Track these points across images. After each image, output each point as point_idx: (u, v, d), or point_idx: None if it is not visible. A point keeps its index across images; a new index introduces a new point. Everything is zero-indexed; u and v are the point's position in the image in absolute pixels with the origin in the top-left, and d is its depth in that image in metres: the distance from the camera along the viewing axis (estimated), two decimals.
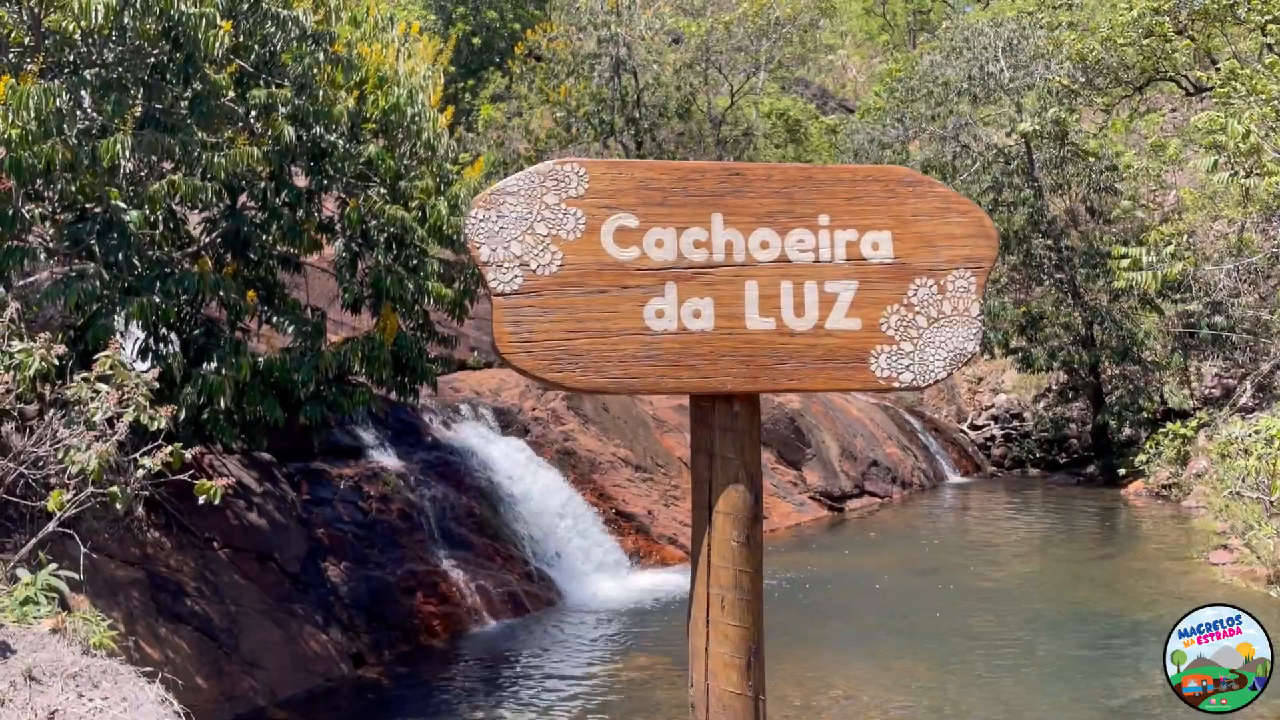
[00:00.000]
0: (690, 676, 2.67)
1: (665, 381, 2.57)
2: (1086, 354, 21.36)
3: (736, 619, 2.60)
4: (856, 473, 19.55)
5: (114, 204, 7.38)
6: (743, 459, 2.62)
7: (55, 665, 3.90)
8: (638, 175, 2.55)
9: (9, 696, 3.66)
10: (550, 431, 13.84)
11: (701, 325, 2.57)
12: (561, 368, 2.54)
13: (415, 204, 8.57)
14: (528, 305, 2.50)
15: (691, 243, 2.55)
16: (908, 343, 2.64)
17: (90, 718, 3.68)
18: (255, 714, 7.76)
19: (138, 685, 3.95)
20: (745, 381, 2.60)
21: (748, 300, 2.56)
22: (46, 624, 4.14)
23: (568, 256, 2.51)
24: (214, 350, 7.39)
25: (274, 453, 9.76)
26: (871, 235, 2.59)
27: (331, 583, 9.31)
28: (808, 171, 2.63)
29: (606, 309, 2.52)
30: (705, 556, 2.64)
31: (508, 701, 8.27)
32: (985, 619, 10.46)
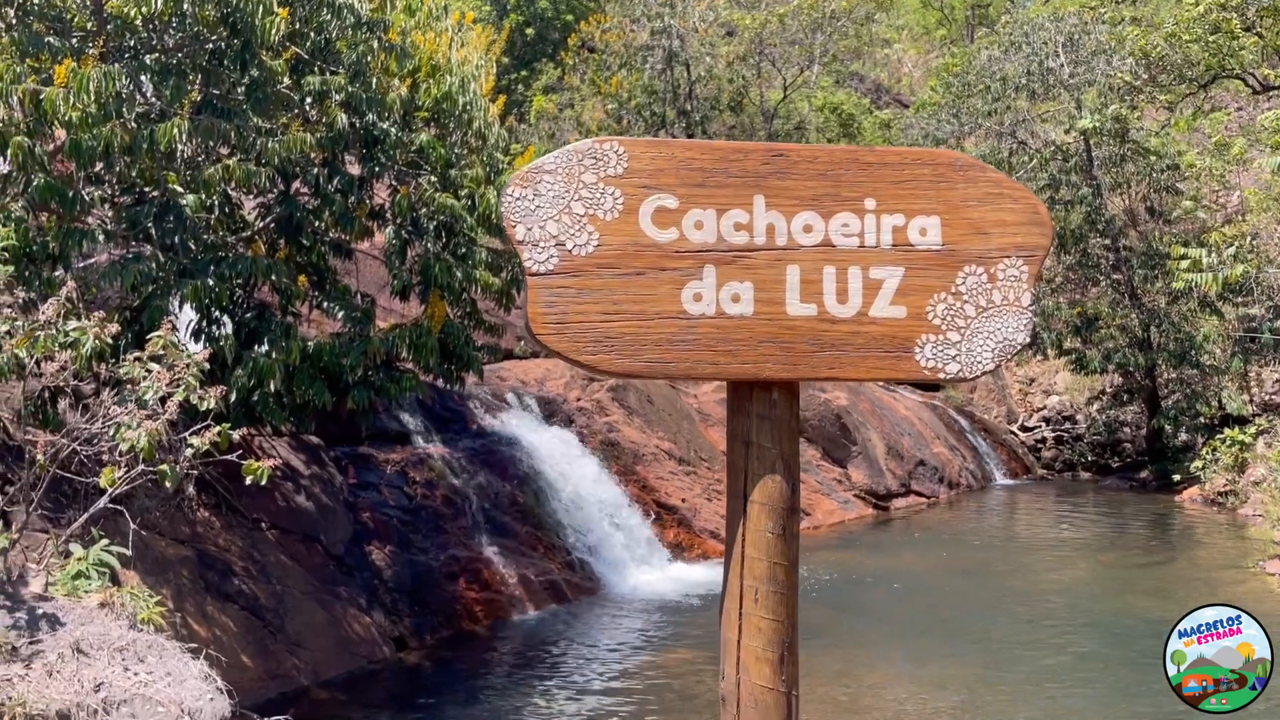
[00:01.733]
0: (721, 669, 2.63)
1: (701, 367, 2.52)
2: (1143, 357, 20.92)
3: (770, 612, 2.55)
4: (903, 472, 19.34)
5: (171, 188, 7.51)
6: (780, 449, 2.54)
7: (103, 639, 3.98)
8: (678, 155, 2.50)
9: (57, 668, 3.74)
10: (594, 422, 13.86)
11: (740, 310, 2.51)
12: (596, 350, 2.49)
13: (465, 192, 8.62)
14: (563, 286, 2.47)
15: (732, 225, 2.50)
16: (955, 332, 2.56)
17: (135, 691, 3.74)
18: (299, 693, 7.87)
19: (182, 660, 4.02)
20: (784, 369, 2.53)
21: (789, 285, 2.50)
22: (95, 598, 4.23)
23: (605, 237, 2.46)
24: (265, 334, 7.50)
25: (322, 437, 9.89)
26: (919, 220, 2.52)
27: (376, 566, 9.41)
28: (854, 153, 2.56)
29: (643, 291, 2.47)
30: (739, 547, 2.57)
31: (548, 690, 8.30)
32: (1031, 623, 10.29)
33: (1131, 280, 21.14)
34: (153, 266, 6.79)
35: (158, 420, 4.07)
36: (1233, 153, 25.02)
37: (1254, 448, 18.87)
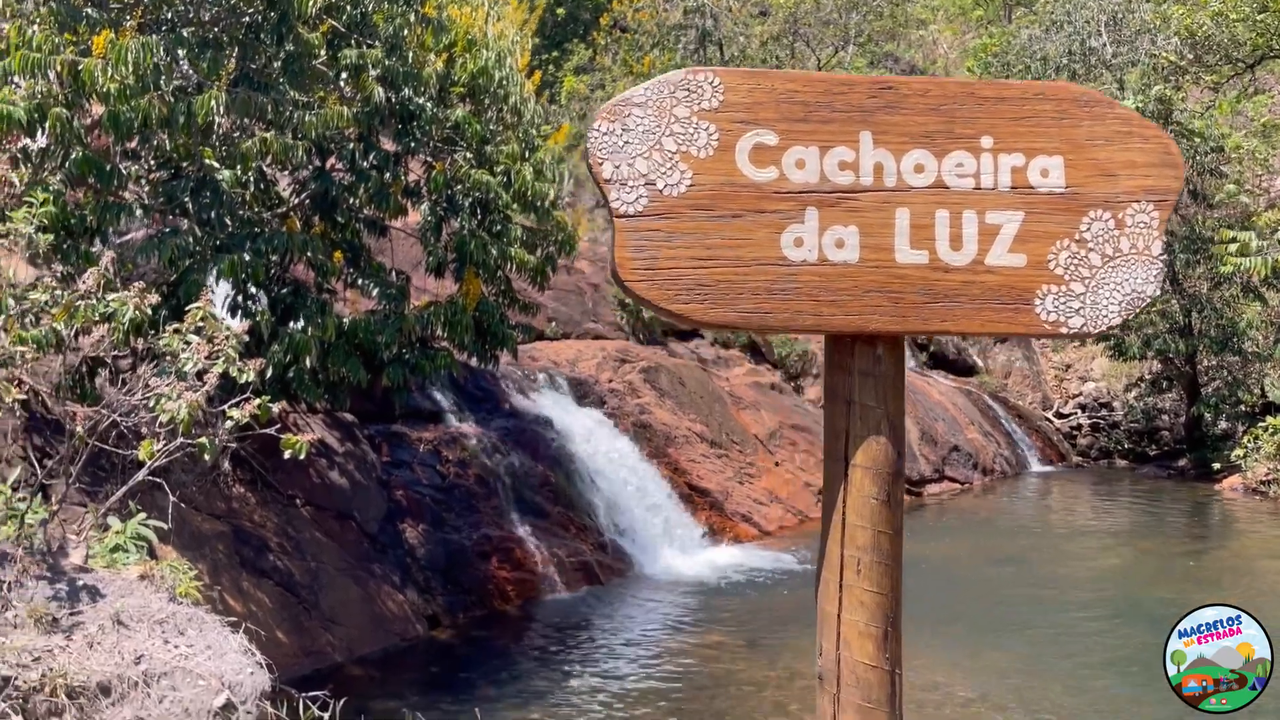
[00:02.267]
0: (819, 644, 2.50)
1: (802, 318, 2.33)
2: (1184, 343, 20.55)
3: (874, 584, 2.39)
4: (936, 457, 19.14)
5: (207, 163, 7.48)
6: (885, 408, 2.37)
7: (143, 611, 3.94)
8: (778, 87, 2.32)
9: (97, 640, 3.71)
10: (626, 403, 13.78)
11: (845, 256, 2.32)
12: (688, 299, 2.31)
13: (500, 169, 8.53)
14: (653, 229, 2.29)
15: (836, 164, 2.31)
16: (1079, 283, 2.37)
17: (176, 663, 3.71)
18: (333, 669, 7.88)
19: (222, 634, 3.98)
20: (893, 321, 2.35)
21: (898, 230, 2.31)
22: (135, 570, 4.20)
23: (698, 176, 2.29)
24: (300, 310, 7.46)
25: (355, 414, 9.88)
26: (1040, 160, 2.33)
27: (409, 544, 9.40)
28: (969, 87, 2.36)
29: (739, 235, 2.30)
30: (839, 515, 2.41)
31: (580, 671, 8.26)
32: (1074, 611, 10.13)
33: (1173, 265, 20.74)
34: (190, 241, 6.76)
35: (198, 392, 4.02)
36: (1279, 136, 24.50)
37: None
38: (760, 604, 10.32)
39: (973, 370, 25.59)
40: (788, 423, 16.86)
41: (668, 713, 7.32)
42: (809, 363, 18.98)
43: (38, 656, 3.51)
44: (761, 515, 14.31)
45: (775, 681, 7.99)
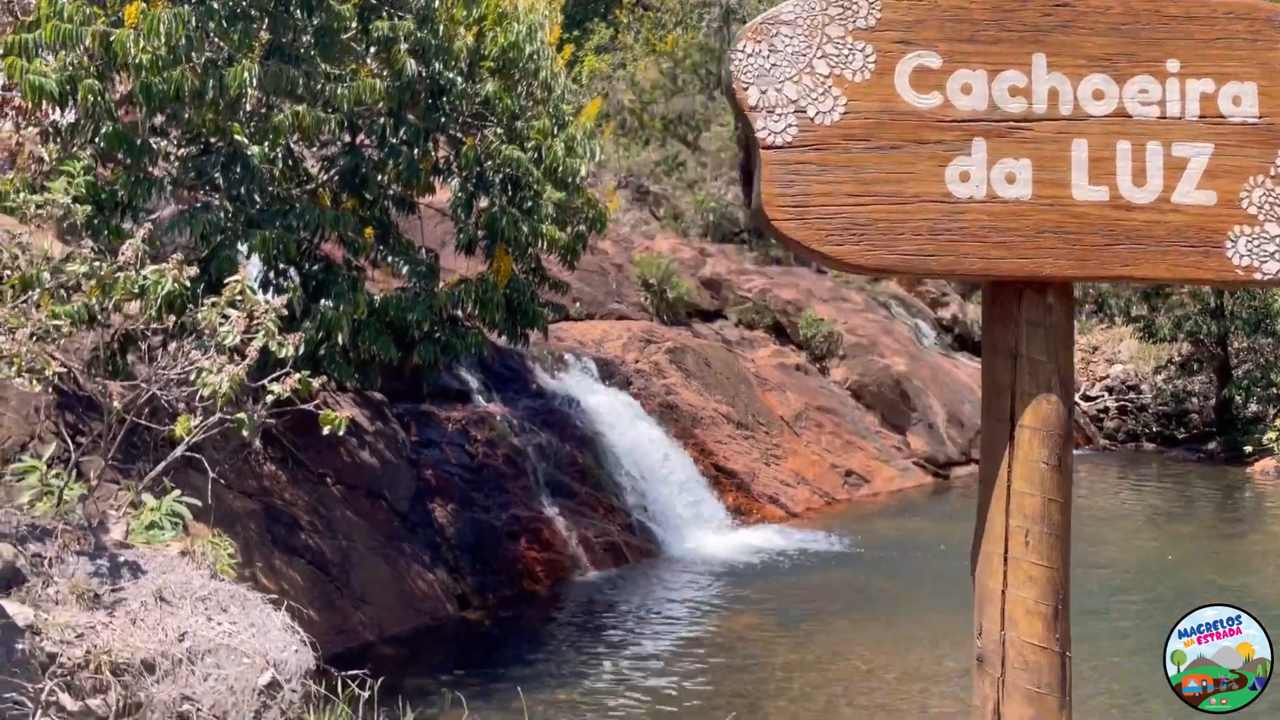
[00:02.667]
0: (978, 624, 2.30)
1: (969, 261, 2.13)
2: (1215, 325, 20.26)
3: (1043, 557, 2.20)
4: (963, 440, 18.97)
5: (237, 139, 7.40)
6: (1057, 363, 2.18)
7: (185, 588, 3.88)
8: (942, 3, 2.11)
9: (140, 616, 3.65)
10: (652, 384, 13.68)
11: (1016, 193, 2.11)
12: (843, 239, 2.11)
13: (531, 145, 8.41)
14: (804, 161, 2.09)
15: (1006, 89, 2.10)
16: (1274, 224, 2.16)
17: (220, 640, 3.64)
18: (364, 648, 7.84)
19: (264, 612, 3.92)
20: (1070, 265, 2.14)
21: (1075, 163, 2.11)
22: (176, 547, 4.14)
23: (853, 102, 2.09)
24: (331, 287, 7.39)
25: (384, 393, 9.82)
26: (1232, 87, 2.12)
27: (438, 524, 9.35)
28: (1155, 4, 2.14)
29: (900, 169, 2.10)
30: (1004, 481, 2.23)
31: (611, 652, 8.20)
32: (1104, 596, 9.98)
33: None
34: (221, 216, 6.69)
35: (239, 366, 3.95)
36: None
37: None
38: (790, 586, 10.23)
39: None
40: (813, 404, 16.73)
41: (700, 695, 7.25)
42: (835, 344, 18.82)
43: (81, 633, 3.45)
44: (788, 497, 14.21)
45: (809, 664, 7.90)
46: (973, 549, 2.33)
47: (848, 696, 7.17)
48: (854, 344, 18.91)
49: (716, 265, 19.94)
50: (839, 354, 18.79)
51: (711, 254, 20.72)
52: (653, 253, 18.84)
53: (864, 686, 7.37)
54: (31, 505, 4.46)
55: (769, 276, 20.46)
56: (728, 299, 19.25)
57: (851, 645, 8.30)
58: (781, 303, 19.36)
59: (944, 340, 23.97)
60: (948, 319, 24.91)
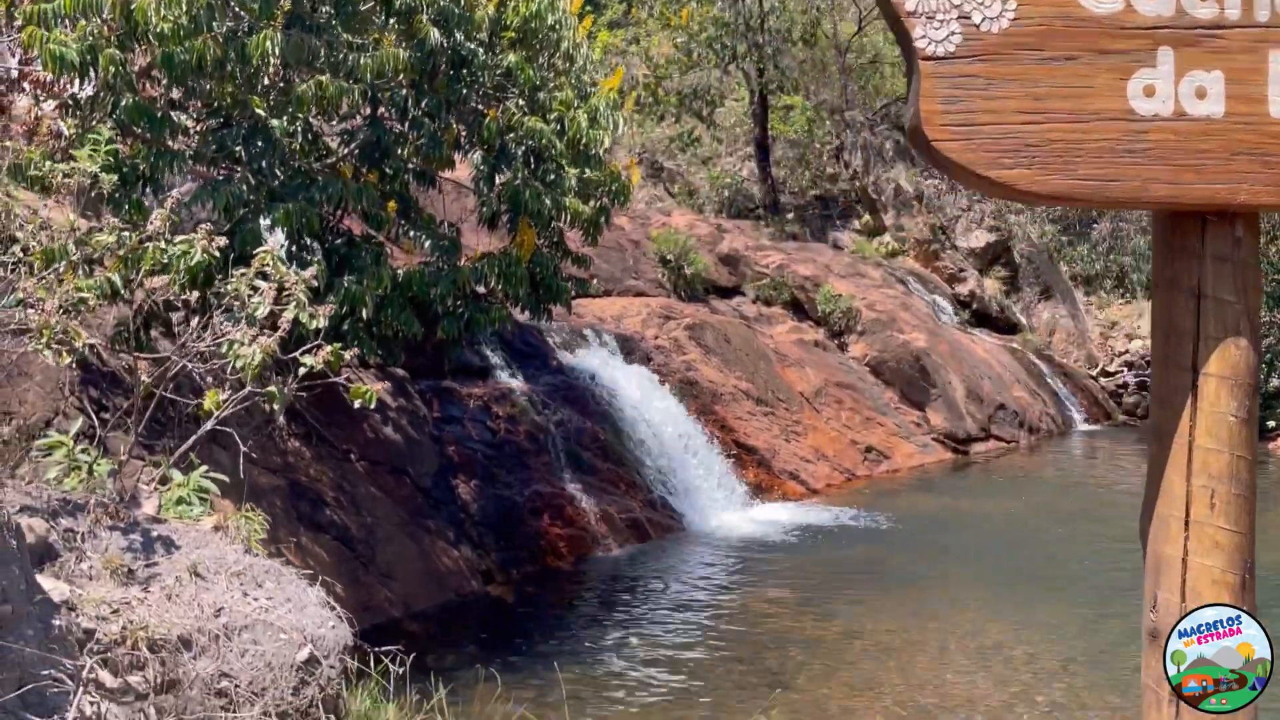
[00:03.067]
0: (1149, 594, 2.16)
1: (1153, 187, 1.91)
2: None
3: (1231, 521, 2.01)
4: (982, 416, 18.84)
5: (257, 112, 7.31)
6: (1245, 303, 1.97)
7: (219, 563, 3.82)
8: None
9: (175, 591, 3.59)
10: (672, 360, 13.60)
11: (1208, 109, 1.90)
12: (1013, 162, 1.90)
13: (554, 116, 8.29)
14: (968, 73, 1.88)
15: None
16: None
17: (256, 616, 3.58)
18: (390, 625, 7.82)
19: (300, 587, 3.86)
20: (1268, 192, 1.92)
21: (1272, 77, 1.88)
22: (208, 522, 4.08)
23: (1023, 7, 1.89)
24: (354, 261, 7.31)
25: (406, 369, 9.76)
26: None
27: (462, 500, 9.31)
28: None
29: (1076, 82, 1.89)
30: (1184, 436, 2.03)
31: (635, 627, 8.15)
32: (1126, 570, 9.87)
33: None
34: (243, 189, 6.61)
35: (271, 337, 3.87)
36: None
37: None
38: (814, 562, 10.16)
39: (1016, 328, 25.16)
40: (833, 380, 16.62)
41: (728, 672, 7.19)
42: (853, 320, 18.68)
43: (117, 609, 3.40)
44: (809, 473, 14.13)
45: (837, 639, 7.84)
46: (1142, 512, 2.15)
47: (883, 672, 7.10)
48: (873, 320, 18.77)
49: (733, 241, 19.79)
50: (857, 330, 18.65)
51: (728, 230, 20.56)
52: (669, 228, 18.70)
53: (898, 662, 7.30)
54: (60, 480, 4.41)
55: (786, 252, 20.31)
56: (745, 275, 19.11)
57: (879, 620, 8.24)
58: (799, 278, 19.21)
59: (962, 316, 23.80)
60: (965, 295, 24.72)
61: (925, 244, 25.23)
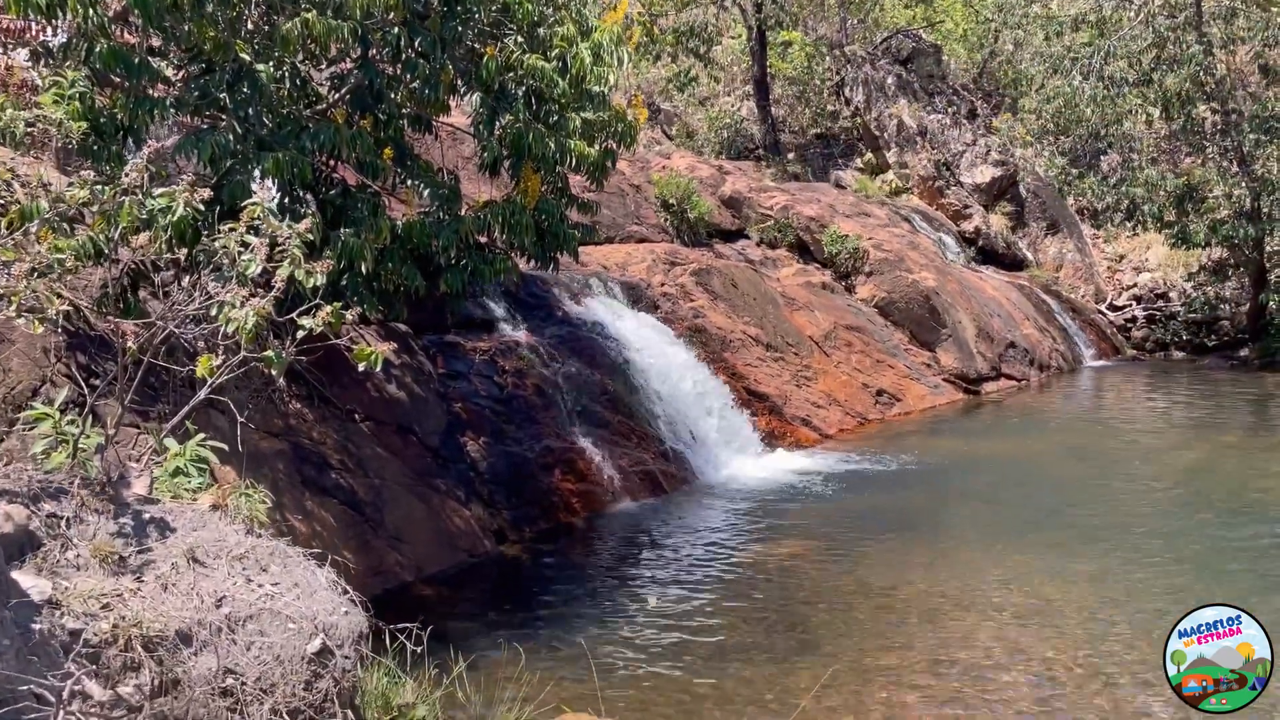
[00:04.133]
0: None
1: None
2: (1252, 228, 19.60)
3: None
4: (993, 354, 18.53)
5: (242, 57, 6.86)
6: None
7: (219, 546, 3.51)
8: None
9: (171, 580, 3.28)
10: (679, 308, 13.23)
11: None
12: None
13: (555, 54, 7.83)
14: None
15: None
16: None
17: (261, 605, 3.28)
18: (402, 589, 7.56)
19: (309, 569, 3.54)
20: None
21: None
22: (205, 500, 3.76)
23: None
24: (351, 212, 6.91)
25: (408, 324, 9.40)
26: None
27: (471, 458, 9.01)
28: None
29: None
30: None
31: (655, 586, 7.89)
32: (1156, 512, 9.64)
33: (1241, 146, 19.67)
34: (230, 139, 6.19)
35: (264, 299, 3.51)
36: None
37: None
38: (832, 510, 9.91)
39: (1022, 264, 24.78)
40: (842, 323, 16.27)
41: (752, 632, 6.94)
42: (860, 261, 18.27)
43: (107, 603, 3.09)
44: (820, 419, 13.85)
45: (858, 593, 7.57)
46: None
47: (908, 627, 6.84)
48: (880, 260, 18.36)
49: (736, 183, 19.30)
50: (865, 271, 18.25)
51: (730, 172, 20.05)
52: (671, 172, 18.20)
53: (920, 617, 7.05)
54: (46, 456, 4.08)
55: (789, 193, 19.83)
56: (749, 217, 18.66)
57: (906, 570, 7.98)
58: (804, 220, 18.76)
59: (968, 253, 23.38)
60: (971, 231, 24.28)
61: (929, 181, 24.70)
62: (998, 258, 24.18)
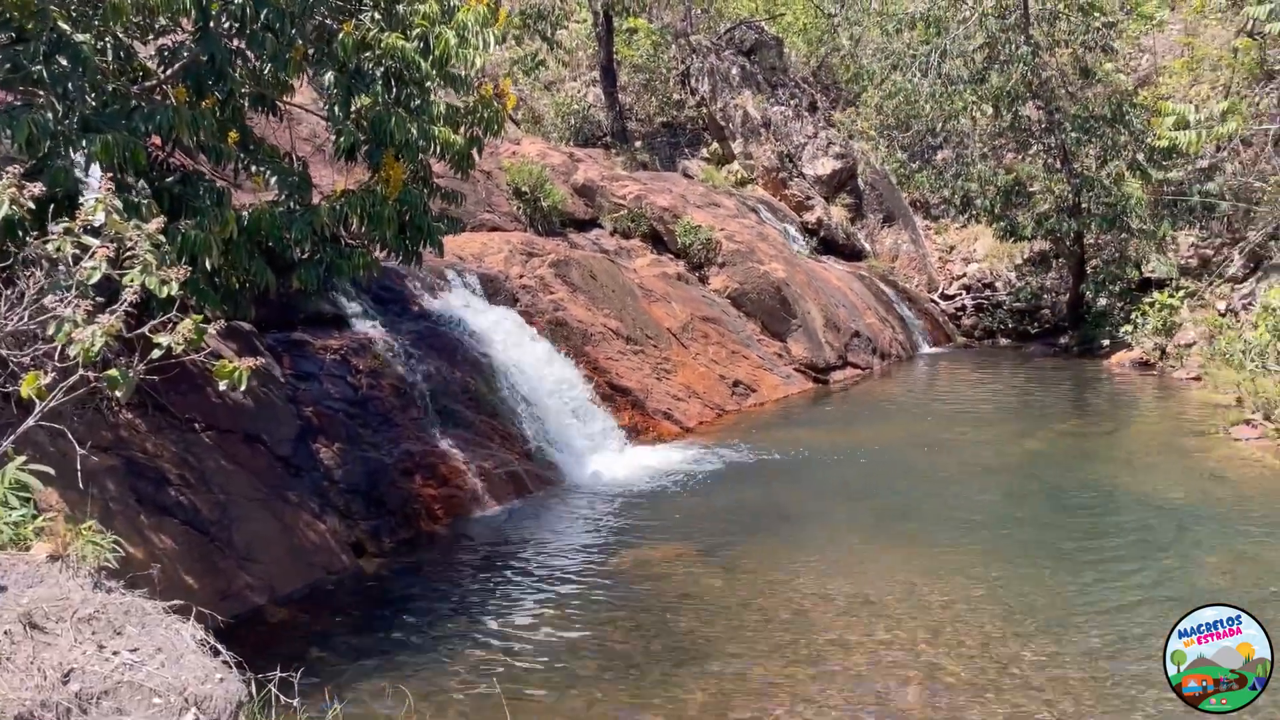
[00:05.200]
0: None
1: None
2: (1074, 222, 20.77)
3: None
4: (840, 344, 18.95)
5: (59, 25, 6.06)
6: None
7: (61, 606, 2.97)
8: None
9: (8, 652, 2.73)
10: (539, 300, 12.85)
11: None
12: None
13: (416, 33, 7.30)
14: None
15: None
16: None
17: (119, 676, 2.78)
18: (254, 614, 6.95)
19: (172, 628, 3.05)
20: None
21: None
22: (41, 550, 3.19)
23: None
24: (193, 202, 6.23)
25: (251, 322, 8.68)
26: None
27: (325, 466, 8.40)
28: None
29: None
30: None
31: (522, 595, 7.55)
32: (1006, 498, 9.96)
33: (1064, 144, 20.78)
34: (49, 117, 5.43)
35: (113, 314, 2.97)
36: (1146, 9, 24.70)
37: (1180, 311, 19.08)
38: (700, 507, 9.78)
39: (861, 255, 25.50)
40: (698, 314, 16.25)
41: (627, 642, 6.69)
42: (713, 251, 18.32)
43: None
44: (682, 412, 13.76)
45: (732, 596, 7.44)
46: None
47: (798, 634, 6.74)
48: (732, 251, 18.46)
49: (588, 171, 18.99)
50: (718, 262, 18.30)
51: (582, 159, 19.72)
52: (522, 158, 17.72)
53: (810, 622, 6.98)
54: None
55: (642, 183, 19.68)
56: (602, 207, 18.40)
57: (777, 569, 7.91)
58: (658, 210, 18.65)
59: (810, 244, 23.86)
60: (813, 222, 24.78)
61: (773, 172, 25.09)
62: (838, 248, 24.79)
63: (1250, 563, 7.87)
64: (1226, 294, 19.33)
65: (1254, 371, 12.09)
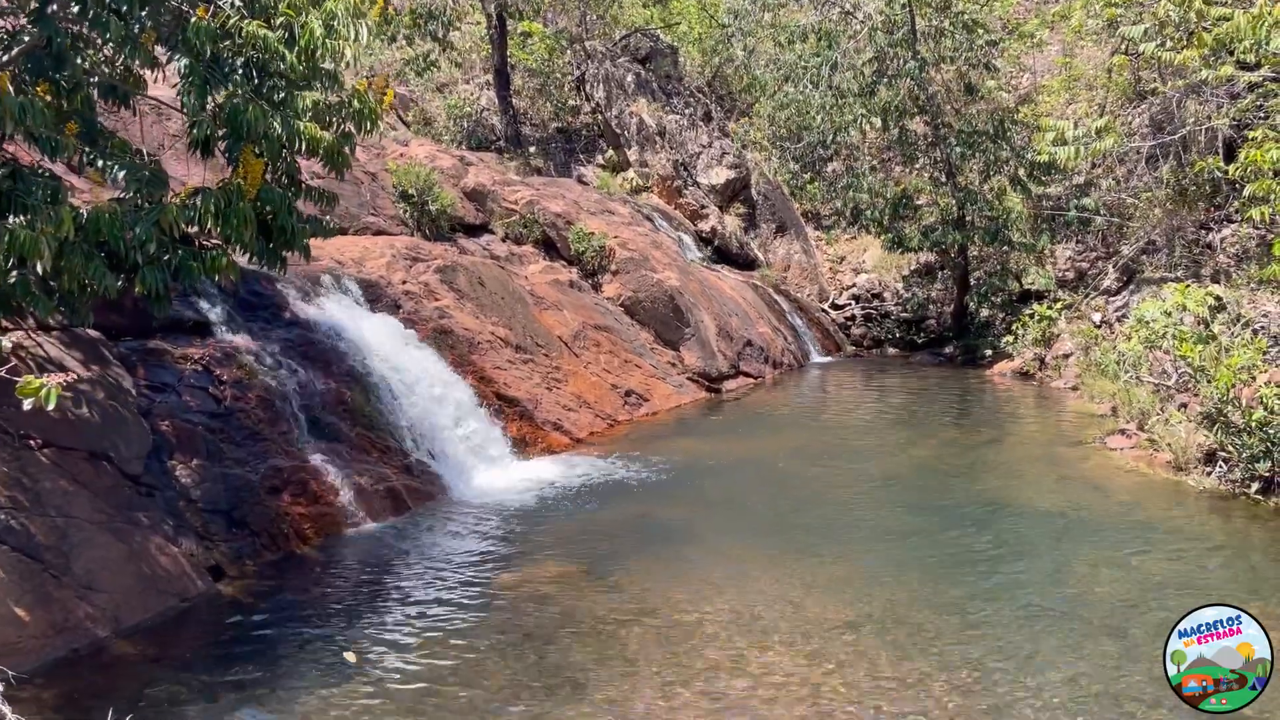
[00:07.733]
0: None
1: None
2: (958, 234, 21.23)
3: None
4: (732, 353, 18.93)
5: None
6: None
7: None
8: None
9: None
10: (423, 308, 12.38)
11: None
12: None
13: (280, 22, 6.84)
14: None
15: None
16: None
17: None
18: (94, 647, 6.37)
19: None
20: None
21: None
22: None
23: None
24: (24, 198, 5.66)
25: (100, 329, 8.05)
26: None
27: (181, 484, 7.83)
28: None
29: None
30: None
31: (394, 620, 7.14)
32: (892, 511, 9.95)
33: (949, 158, 21.23)
34: None
35: None
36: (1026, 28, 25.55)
37: (1058, 323, 19.65)
38: (587, 524, 9.49)
39: (754, 264, 25.64)
40: (590, 322, 15.98)
41: (505, 670, 6.36)
42: (607, 259, 18.08)
43: None
44: (572, 422, 13.45)
45: (619, 619, 7.17)
46: None
47: (682, 657, 6.50)
48: (626, 259, 18.25)
49: (479, 175, 18.55)
50: (611, 269, 18.08)
51: (473, 163, 19.27)
52: (409, 160, 17.20)
53: (694, 645, 6.75)
54: None
55: (534, 188, 19.34)
56: (493, 212, 17.99)
57: (668, 589, 7.68)
58: (550, 216, 18.33)
59: (705, 253, 23.87)
60: (707, 231, 24.80)
61: (668, 180, 25.03)
62: (731, 257, 24.87)
63: (1121, 569, 7.98)
64: (1101, 306, 20.00)
65: (1128, 382, 12.42)
